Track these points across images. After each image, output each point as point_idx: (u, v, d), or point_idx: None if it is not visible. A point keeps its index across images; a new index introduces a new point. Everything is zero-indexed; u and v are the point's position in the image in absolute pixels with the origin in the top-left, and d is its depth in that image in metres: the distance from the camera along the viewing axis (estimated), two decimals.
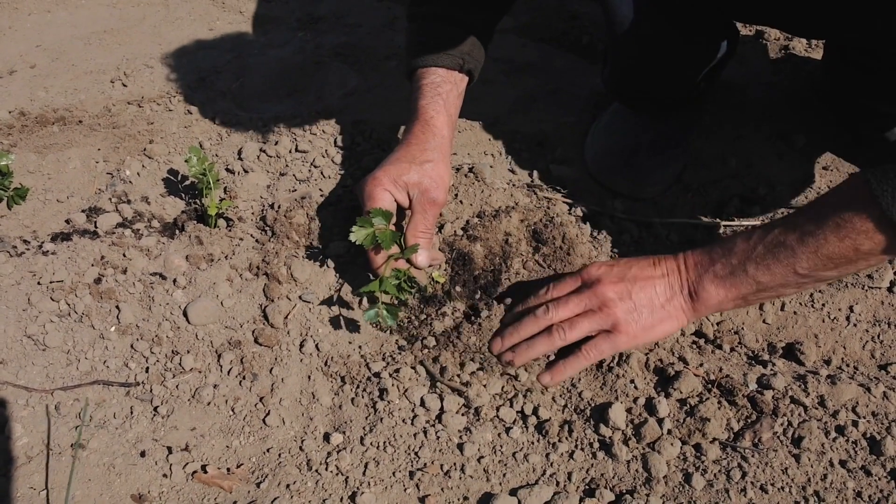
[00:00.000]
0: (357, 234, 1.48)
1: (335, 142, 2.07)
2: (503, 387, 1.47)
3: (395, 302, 1.55)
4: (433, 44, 1.75)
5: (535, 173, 1.98)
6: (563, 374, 1.43)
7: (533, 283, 1.66)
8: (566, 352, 1.43)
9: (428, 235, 1.58)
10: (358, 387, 1.51)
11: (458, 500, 1.31)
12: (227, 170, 1.97)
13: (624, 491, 1.29)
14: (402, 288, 1.51)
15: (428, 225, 1.58)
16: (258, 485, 1.33)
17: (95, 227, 1.78)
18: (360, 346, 1.59)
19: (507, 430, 1.39)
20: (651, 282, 1.41)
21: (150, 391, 1.47)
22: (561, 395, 1.45)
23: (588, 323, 1.42)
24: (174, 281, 1.65)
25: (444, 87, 1.73)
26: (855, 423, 1.34)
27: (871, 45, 1.70)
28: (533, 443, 1.38)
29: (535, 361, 1.52)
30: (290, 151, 2.03)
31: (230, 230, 1.79)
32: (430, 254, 1.59)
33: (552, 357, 1.49)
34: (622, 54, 1.85)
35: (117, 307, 1.59)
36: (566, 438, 1.38)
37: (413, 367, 1.51)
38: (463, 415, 1.42)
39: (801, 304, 1.60)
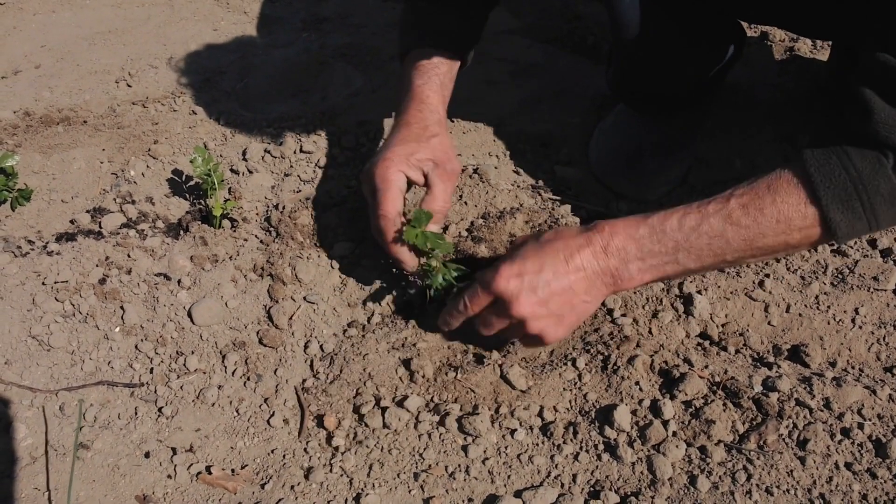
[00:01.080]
0: (408, 234, 1.47)
1: (340, 142, 2.07)
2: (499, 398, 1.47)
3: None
4: (428, 25, 1.75)
5: (541, 182, 1.97)
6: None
7: None
8: None
9: (448, 206, 1.60)
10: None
11: (463, 501, 1.30)
12: (232, 170, 1.97)
13: (629, 493, 1.29)
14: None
15: (448, 196, 1.59)
16: (262, 486, 1.33)
17: (100, 227, 1.78)
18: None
19: (512, 431, 1.39)
20: (569, 284, 1.35)
21: (155, 392, 1.47)
22: (566, 397, 1.44)
23: (514, 335, 1.44)
24: (179, 282, 1.65)
25: (440, 69, 1.73)
26: (860, 426, 1.33)
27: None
28: (538, 444, 1.38)
29: (529, 364, 1.52)
30: (294, 152, 2.03)
31: (234, 231, 1.79)
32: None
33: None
34: (627, 56, 1.85)
35: (122, 308, 1.59)
36: (571, 440, 1.37)
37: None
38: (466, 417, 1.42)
39: (806, 306, 1.60)
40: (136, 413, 1.44)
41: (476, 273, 1.43)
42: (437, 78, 1.72)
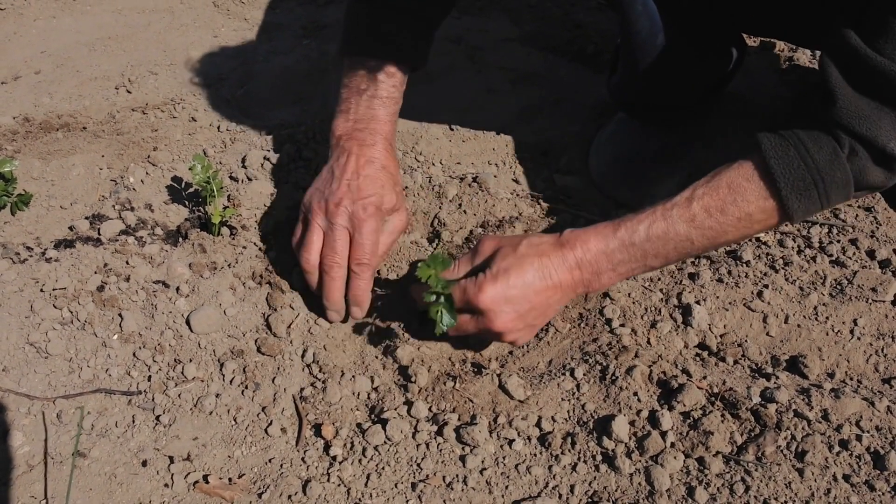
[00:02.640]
0: (422, 273, 1.45)
1: None
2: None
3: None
4: (385, 32, 1.68)
5: (540, 191, 1.98)
6: None
7: None
8: None
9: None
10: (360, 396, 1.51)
11: None
12: (231, 177, 1.97)
13: None
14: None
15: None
16: (260, 495, 1.33)
17: (99, 234, 1.78)
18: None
19: (510, 442, 1.39)
20: (546, 299, 1.43)
21: (153, 400, 1.47)
22: (564, 407, 1.44)
23: (483, 336, 1.52)
24: (177, 289, 1.64)
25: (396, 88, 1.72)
26: (859, 438, 1.33)
27: None
28: (535, 455, 1.38)
29: (527, 374, 1.52)
30: (293, 159, 2.03)
31: (233, 238, 1.79)
32: None
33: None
34: (634, 64, 1.85)
35: (120, 315, 1.59)
36: (569, 451, 1.37)
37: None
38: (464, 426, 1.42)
39: (804, 316, 1.60)
40: (133, 421, 1.44)
41: (461, 281, 1.44)
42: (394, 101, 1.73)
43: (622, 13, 1.74)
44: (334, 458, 1.39)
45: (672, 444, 1.35)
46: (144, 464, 1.37)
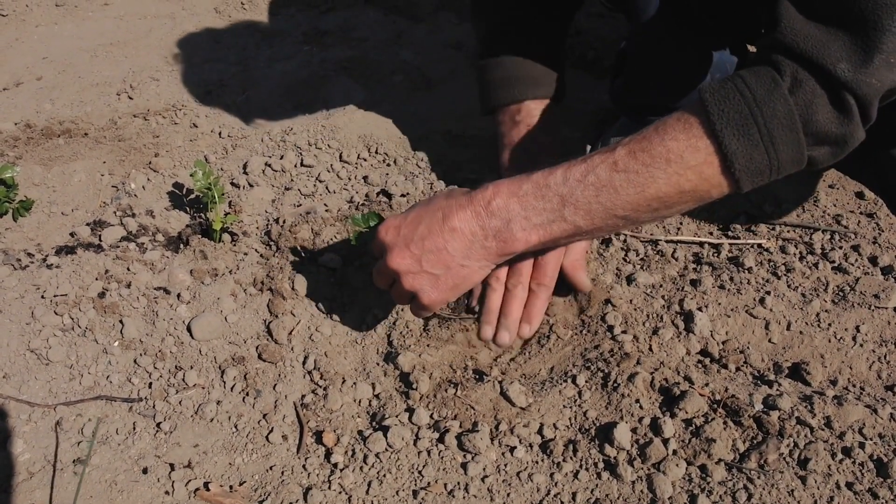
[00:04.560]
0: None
1: (340, 156, 2.07)
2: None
3: None
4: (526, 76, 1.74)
5: None
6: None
7: None
8: None
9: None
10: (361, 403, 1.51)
11: None
12: (233, 184, 1.97)
13: None
14: None
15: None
16: (261, 503, 1.32)
17: (100, 240, 1.78)
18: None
19: (512, 449, 1.39)
20: (443, 241, 1.29)
21: (153, 407, 1.47)
22: (566, 415, 1.44)
23: (401, 296, 1.40)
24: (178, 296, 1.64)
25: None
26: (862, 445, 1.33)
27: None
28: (537, 462, 1.37)
29: (529, 381, 1.51)
30: (295, 166, 2.03)
31: (235, 245, 1.79)
32: None
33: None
34: (639, 67, 1.86)
35: (121, 322, 1.58)
36: (571, 458, 1.37)
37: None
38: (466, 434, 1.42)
39: (807, 323, 1.59)
40: (134, 428, 1.44)
41: None
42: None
43: (631, 18, 1.75)
44: (335, 465, 1.38)
45: (674, 452, 1.35)
46: (145, 471, 1.36)
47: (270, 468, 1.39)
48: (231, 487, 1.35)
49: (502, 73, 1.76)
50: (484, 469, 1.36)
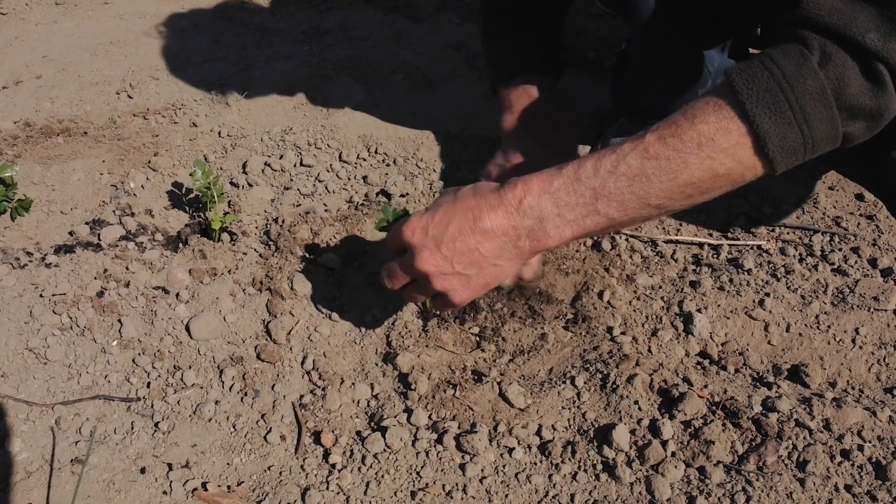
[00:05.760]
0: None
1: (340, 156, 2.07)
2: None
3: None
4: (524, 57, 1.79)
5: None
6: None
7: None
8: None
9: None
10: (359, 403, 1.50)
11: None
12: (232, 183, 1.97)
13: None
14: None
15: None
16: (258, 503, 1.32)
17: (99, 239, 1.77)
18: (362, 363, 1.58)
19: (510, 450, 1.38)
20: (475, 243, 1.26)
21: (151, 406, 1.47)
22: (564, 416, 1.44)
23: (421, 296, 1.37)
24: (177, 295, 1.64)
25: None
26: (860, 448, 1.33)
27: None
28: (536, 464, 1.37)
29: (528, 382, 1.51)
30: (294, 165, 2.03)
31: (234, 244, 1.79)
32: None
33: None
34: (641, 68, 1.86)
35: (119, 321, 1.58)
36: (569, 460, 1.37)
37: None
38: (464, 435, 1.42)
39: (806, 325, 1.59)
40: (132, 428, 1.43)
41: None
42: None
43: (632, 16, 1.75)
44: (333, 465, 1.38)
45: (673, 454, 1.35)
46: (143, 471, 1.36)
47: (268, 468, 1.39)
48: (229, 487, 1.35)
49: (511, 46, 1.81)
50: (482, 470, 1.35)
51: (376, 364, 1.59)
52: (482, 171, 1.75)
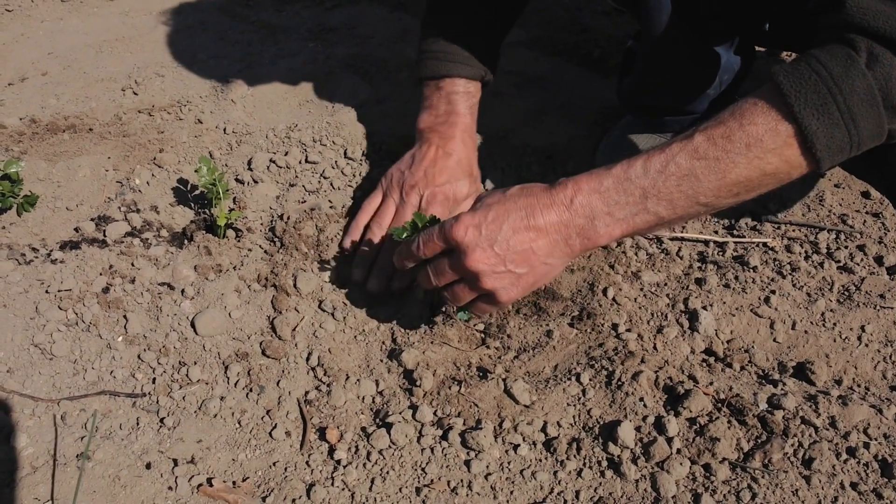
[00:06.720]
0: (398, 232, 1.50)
1: (345, 153, 2.07)
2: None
3: None
4: (456, 53, 1.82)
5: None
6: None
7: None
8: None
9: None
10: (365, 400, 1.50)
11: None
12: (237, 180, 1.97)
13: None
14: None
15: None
16: (264, 499, 1.32)
17: (104, 235, 1.77)
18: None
19: (515, 447, 1.38)
20: (528, 240, 1.29)
21: (157, 402, 1.47)
22: (569, 413, 1.43)
23: (467, 294, 1.39)
24: (182, 291, 1.64)
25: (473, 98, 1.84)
26: (866, 445, 1.32)
27: None
28: (541, 460, 1.37)
29: (533, 378, 1.51)
30: (299, 162, 2.03)
31: (239, 241, 1.79)
32: None
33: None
34: (649, 66, 1.86)
35: (125, 317, 1.58)
36: (574, 456, 1.37)
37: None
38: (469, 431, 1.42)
39: (812, 323, 1.59)
40: (137, 423, 1.44)
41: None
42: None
43: (641, 19, 1.75)
44: (339, 461, 1.38)
45: (678, 451, 1.35)
46: (148, 466, 1.36)
47: (274, 464, 1.39)
48: (234, 483, 1.35)
49: (440, 47, 1.84)
50: (487, 467, 1.35)
51: (381, 360, 1.59)
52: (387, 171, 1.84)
